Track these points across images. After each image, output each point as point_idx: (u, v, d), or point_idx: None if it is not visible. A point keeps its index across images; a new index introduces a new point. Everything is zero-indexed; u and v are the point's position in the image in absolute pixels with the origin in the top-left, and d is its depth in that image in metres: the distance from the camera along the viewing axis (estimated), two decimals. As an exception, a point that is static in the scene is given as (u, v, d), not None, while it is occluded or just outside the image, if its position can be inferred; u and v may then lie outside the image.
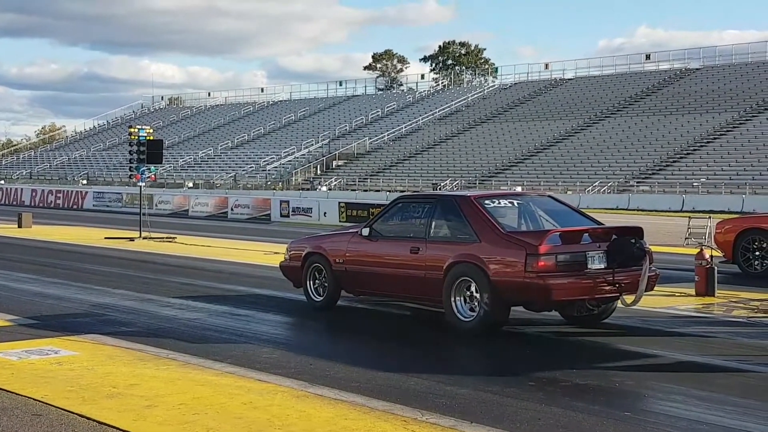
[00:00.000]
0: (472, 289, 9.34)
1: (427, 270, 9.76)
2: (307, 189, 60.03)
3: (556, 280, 8.83)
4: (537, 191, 18.37)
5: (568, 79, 74.40)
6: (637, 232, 9.55)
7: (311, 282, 11.29)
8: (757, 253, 14.77)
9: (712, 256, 12.45)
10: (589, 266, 9.04)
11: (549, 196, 11.20)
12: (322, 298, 11.15)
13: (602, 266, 9.10)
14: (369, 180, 61.85)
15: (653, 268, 9.56)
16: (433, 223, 9.99)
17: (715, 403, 6.59)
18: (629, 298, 9.46)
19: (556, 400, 6.60)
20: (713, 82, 63.03)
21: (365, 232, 10.60)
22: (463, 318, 9.42)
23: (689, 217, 19.91)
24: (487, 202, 9.86)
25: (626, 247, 9.20)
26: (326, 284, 11.08)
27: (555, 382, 7.24)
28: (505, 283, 9.03)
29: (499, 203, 10.02)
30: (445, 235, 9.94)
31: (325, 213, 33.86)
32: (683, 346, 8.81)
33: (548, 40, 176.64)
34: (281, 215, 35.48)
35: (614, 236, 9.31)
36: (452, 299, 9.48)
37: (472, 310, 9.37)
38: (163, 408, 6.19)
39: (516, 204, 10.23)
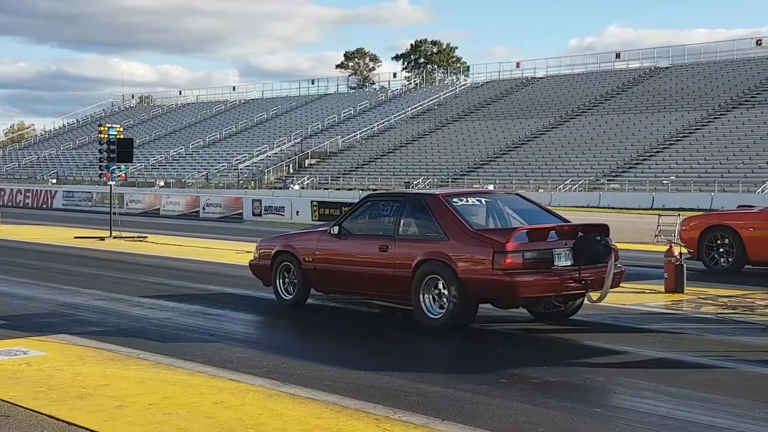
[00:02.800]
0: (440, 286, 9.39)
1: (395, 268, 9.80)
2: (280, 188, 59.89)
3: (523, 277, 8.92)
4: (505, 189, 18.46)
5: (540, 78, 74.78)
6: (603, 229, 9.64)
7: (281, 281, 11.27)
8: (722, 249, 14.88)
9: (681, 254, 12.56)
10: (555, 263, 9.15)
11: (517, 194, 11.27)
12: (291, 297, 11.15)
13: (568, 263, 9.21)
14: (341, 179, 61.83)
15: (619, 265, 9.66)
16: (402, 222, 10.04)
17: (685, 398, 6.65)
18: (595, 295, 9.56)
19: (527, 397, 6.63)
20: (682, 81, 63.62)
21: (334, 230, 10.61)
22: (431, 315, 9.48)
23: (659, 214, 20.14)
24: (455, 200, 9.92)
25: (592, 245, 9.28)
26: (295, 283, 11.07)
27: (526, 379, 7.27)
28: (473, 280, 9.10)
29: (467, 201, 10.06)
30: (413, 233, 9.99)
31: (297, 212, 33.78)
32: (653, 343, 8.88)
33: (519, 39, 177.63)
34: (253, 214, 35.36)
35: (580, 233, 9.38)
36: (421, 297, 9.53)
37: (440, 307, 9.42)
38: (134, 408, 6.15)
39: (484, 202, 10.30)
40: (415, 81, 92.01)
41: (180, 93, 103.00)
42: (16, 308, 10.91)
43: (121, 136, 22.73)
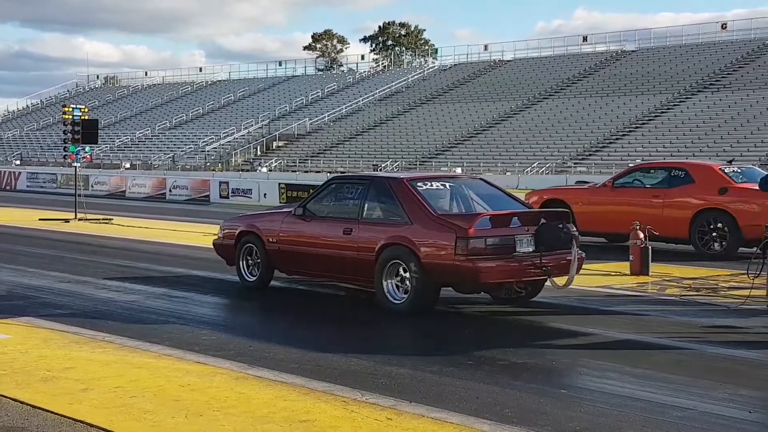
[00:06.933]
0: (403, 270, 9.44)
1: (359, 251, 9.82)
2: (247, 170, 59.56)
3: (485, 263, 8.99)
4: (470, 174, 18.68)
5: (507, 61, 74.91)
6: (564, 216, 9.77)
7: (244, 263, 11.27)
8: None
9: (647, 236, 12.67)
10: (517, 249, 9.20)
11: (481, 179, 11.28)
12: (255, 279, 11.15)
13: (530, 249, 9.26)
14: (309, 161, 61.64)
15: (579, 251, 9.73)
16: (366, 205, 10.05)
17: (649, 379, 6.72)
18: (561, 281, 9.62)
19: (494, 379, 6.68)
20: (648, 65, 64.02)
21: (299, 212, 10.65)
22: (394, 300, 9.54)
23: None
24: (419, 184, 9.91)
25: (554, 232, 9.38)
26: (259, 264, 11.07)
27: (493, 360, 7.31)
28: (436, 265, 9.15)
29: (432, 186, 10.05)
30: (377, 217, 9.99)
31: (265, 194, 33.67)
32: (618, 325, 8.97)
33: (486, 22, 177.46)
34: (221, 196, 35.19)
35: (542, 220, 9.46)
36: (384, 281, 9.57)
37: (404, 292, 9.47)
38: (99, 391, 6.11)
39: (448, 187, 10.28)
40: (383, 63, 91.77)
41: (146, 74, 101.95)
42: (-21, 291, 10.77)
43: (86, 117, 22.49)
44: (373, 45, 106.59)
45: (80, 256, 14.84)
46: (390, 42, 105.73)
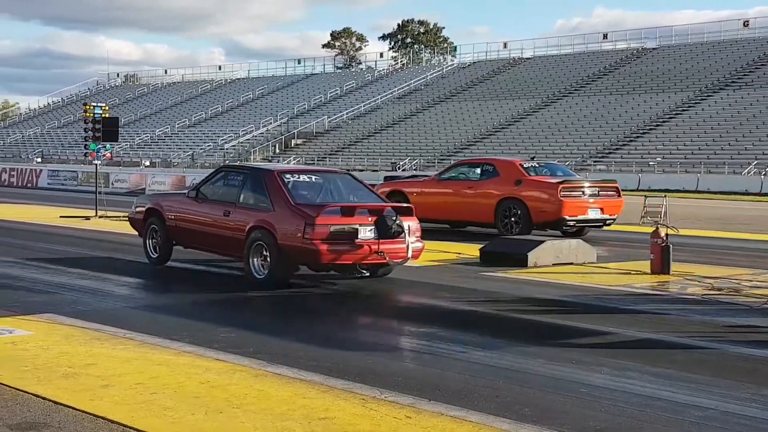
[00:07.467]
0: (265, 250, 10.84)
1: (234, 231, 11.32)
2: (266, 167, 59.68)
3: (327, 246, 10.43)
4: (338, 169, 20.08)
5: (527, 59, 74.71)
6: (404, 210, 11.18)
7: (150, 241, 12.85)
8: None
9: (667, 235, 12.60)
10: (359, 237, 10.59)
11: (348, 174, 12.78)
12: (157, 255, 12.71)
13: (372, 237, 10.62)
14: (328, 159, 61.73)
15: (417, 241, 11.05)
16: (243, 192, 11.58)
17: (669, 379, 6.69)
18: (396, 261, 10.90)
19: (513, 378, 6.66)
20: (669, 62, 63.68)
21: (192, 194, 12.31)
22: (257, 275, 10.97)
23: (645, 196, 20.17)
24: (287, 176, 11.41)
25: (389, 223, 10.68)
26: (161, 237, 12.62)
27: (512, 360, 7.28)
28: (289, 246, 10.62)
29: (299, 178, 11.51)
30: (250, 203, 11.44)
31: (283, 192, 33.68)
32: (638, 324, 8.93)
33: (504, 20, 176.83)
34: (239, 194, 35.21)
35: (384, 213, 10.74)
36: (251, 258, 11.02)
37: (266, 269, 10.87)
38: (120, 388, 6.14)
39: (314, 180, 11.73)
40: (402, 61, 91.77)
41: (166, 72, 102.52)
42: (1, 287, 10.84)
43: (107, 115, 22.57)
44: (392, 43, 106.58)
45: (101, 253, 14.91)
46: (409, 40, 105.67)
